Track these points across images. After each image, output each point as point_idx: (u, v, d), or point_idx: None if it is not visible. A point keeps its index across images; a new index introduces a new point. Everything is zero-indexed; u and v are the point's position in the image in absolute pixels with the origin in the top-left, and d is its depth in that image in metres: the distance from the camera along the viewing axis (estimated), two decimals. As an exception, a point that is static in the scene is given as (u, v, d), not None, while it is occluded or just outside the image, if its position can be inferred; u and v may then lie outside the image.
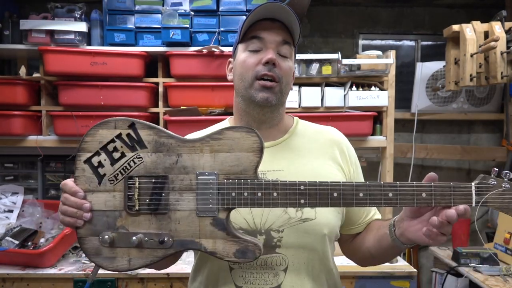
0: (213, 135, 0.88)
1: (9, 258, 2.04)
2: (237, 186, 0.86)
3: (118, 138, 0.89)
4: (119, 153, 0.89)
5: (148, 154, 0.88)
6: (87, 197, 0.89)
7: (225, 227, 0.86)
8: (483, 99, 2.86)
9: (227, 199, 0.86)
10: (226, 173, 0.86)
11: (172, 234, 0.87)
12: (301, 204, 0.85)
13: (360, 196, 0.84)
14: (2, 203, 2.32)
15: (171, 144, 0.88)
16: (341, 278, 1.15)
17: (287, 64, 1.00)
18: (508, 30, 2.30)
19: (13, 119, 2.22)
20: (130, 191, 0.88)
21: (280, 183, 0.86)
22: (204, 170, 0.87)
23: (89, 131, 0.91)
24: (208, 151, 0.87)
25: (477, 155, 2.95)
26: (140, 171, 0.88)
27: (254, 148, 0.86)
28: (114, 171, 0.89)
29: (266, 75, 0.96)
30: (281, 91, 0.99)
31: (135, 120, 0.89)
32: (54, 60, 2.20)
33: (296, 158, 1.02)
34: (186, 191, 0.87)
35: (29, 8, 2.74)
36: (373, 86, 2.35)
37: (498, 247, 2.42)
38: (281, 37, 0.99)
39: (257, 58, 0.98)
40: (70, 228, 0.92)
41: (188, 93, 2.27)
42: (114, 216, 0.88)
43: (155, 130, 0.89)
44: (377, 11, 3.01)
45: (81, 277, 1.98)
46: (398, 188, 0.84)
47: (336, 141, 1.09)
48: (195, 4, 2.35)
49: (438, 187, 0.84)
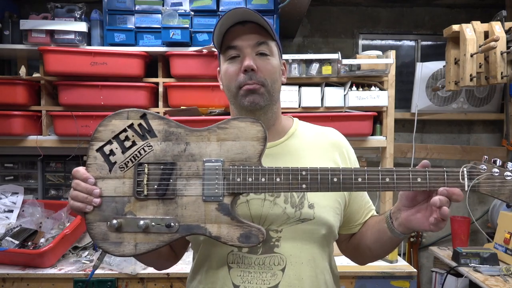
0: (220, 124, 0.91)
1: (9, 258, 2.04)
2: (242, 172, 0.88)
3: (130, 127, 0.92)
4: (130, 142, 0.92)
5: (158, 143, 0.91)
6: (98, 183, 0.91)
7: (230, 212, 0.88)
8: (483, 99, 2.86)
9: (232, 184, 0.88)
10: (232, 160, 0.89)
11: (179, 219, 0.89)
12: (303, 188, 0.88)
13: (358, 181, 0.87)
14: (2, 203, 2.32)
15: (180, 133, 0.91)
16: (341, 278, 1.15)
17: (269, 63, 0.99)
18: (508, 30, 2.30)
19: (13, 119, 2.22)
20: (139, 177, 0.91)
21: (283, 168, 0.88)
22: (210, 157, 0.90)
23: (102, 121, 0.94)
24: (215, 139, 0.90)
25: (477, 155, 2.95)
26: (150, 158, 0.91)
27: (258, 137, 0.90)
28: (125, 159, 0.92)
29: (248, 83, 0.97)
30: (268, 92, 0.99)
31: (147, 111, 0.93)
32: (54, 60, 2.20)
33: (296, 159, 1.02)
34: (193, 177, 0.90)
35: (29, 8, 2.74)
36: (373, 86, 2.35)
37: (498, 247, 2.42)
38: (255, 39, 0.98)
39: (237, 66, 0.98)
40: (79, 214, 0.94)
41: (188, 93, 2.27)
42: (122, 202, 0.91)
43: (165, 120, 0.92)
44: (377, 11, 3.01)
45: (81, 277, 1.98)
46: (394, 173, 0.87)
47: (336, 142, 1.09)
48: (195, 4, 2.35)
49: (432, 172, 0.86)
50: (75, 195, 0.91)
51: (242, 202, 0.97)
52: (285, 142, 1.05)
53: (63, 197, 2.59)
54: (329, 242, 1.03)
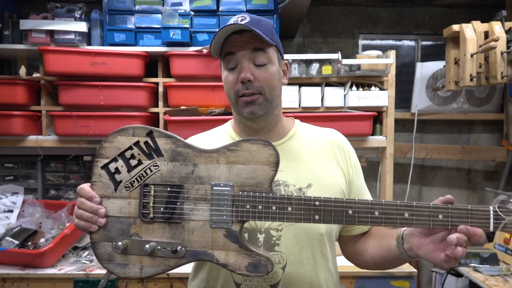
0: (230, 146, 0.88)
1: (9, 258, 2.04)
2: (252, 198, 0.85)
3: (135, 145, 0.90)
4: (136, 160, 0.90)
5: (165, 163, 0.89)
6: (103, 202, 0.90)
7: (238, 239, 0.86)
8: (483, 99, 2.86)
9: (241, 211, 0.85)
10: (241, 185, 0.86)
11: (185, 243, 0.87)
12: (315, 220, 0.84)
13: (375, 215, 0.83)
14: (2, 203, 2.32)
15: (188, 154, 0.89)
16: (341, 278, 1.15)
17: (267, 72, 0.99)
18: (508, 30, 2.30)
19: (13, 119, 2.22)
20: (145, 199, 0.89)
21: (295, 197, 0.85)
22: (219, 181, 0.87)
23: (107, 137, 0.92)
24: (224, 162, 0.87)
25: (477, 155, 2.95)
26: (156, 179, 0.89)
27: (270, 161, 0.86)
28: (130, 178, 0.90)
29: (245, 93, 0.98)
30: (267, 100, 1.00)
31: (153, 128, 0.90)
32: (54, 60, 2.20)
33: (297, 159, 1.03)
34: (201, 201, 0.87)
35: (29, 8, 2.74)
36: (373, 86, 2.35)
37: (498, 247, 2.42)
38: (251, 47, 0.98)
39: (235, 76, 0.99)
40: (84, 232, 0.93)
41: (188, 93, 2.27)
42: (128, 223, 0.89)
43: (173, 139, 0.90)
44: (377, 11, 3.01)
45: (81, 277, 1.98)
46: (414, 208, 0.82)
47: (337, 143, 1.09)
48: (195, 4, 2.35)
49: (455, 209, 0.81)
50: (80, 214, 0.90)
51: None
52: (286, 143, 1.06)
53: (63, 197, 2.59)
54: (329, 241, 1.03)
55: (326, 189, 1.01)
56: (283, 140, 1.06)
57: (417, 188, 3.08)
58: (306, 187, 1.00)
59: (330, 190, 1.01)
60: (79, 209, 0.90)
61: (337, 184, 1.03)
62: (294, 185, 1.00)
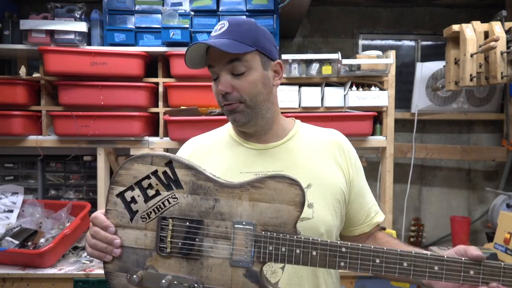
0: (254, 182, 0.84)
1: (9, 258, 2.04)
2: (275, 240, 0.82)
3: (153, 174, 0.87)
4: (154, 191, 0.87)
5: (184, 195, 0.86)
6: (118, 232, 0.87)
7: (259, 279, 0.83)
8: (483, 99, 2.86)
9: (264, 253, 0.82)
10: (264, 224, 0.83)
11: (203, 280, 0.84)
12: (341, 266, 0.81)
13: (404, 266, 0.79)
14: (2, 203, 2.32)
15: (209, 188, 0.85)
16: (341, 278, 1.15)
17: (245, 81, 0.98)
18: (508, 30, 2.30)
19: (13, 119, 2.22)
20: (163, 232, 0.86)
21: (321, 242, 0.81)
22: (241, 219, 0.83)
23: (124, 163, 0.88)
24: (247, 199, 0.84)
25: (477, 155, 2.95)
26: (175, 212, 0.86)
27: (296, 202, 0.82)
28: (147, 209, 0.87)
29: (226, 104, 1.00)
30: (249, 106, 0.99)
31: (172, 157, 0.87)
32: (54, 60, 2.20)
33: (296, 159, 1.04)
34: (221, 238, 0.84)
35: (29, 8, 2.74)
36: (373, 86, 2.35)
37: (498, 247, 2.42)
38: (226, 58, 0.97)
39: (216, 88, 1.01)
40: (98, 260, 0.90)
41: (188, 93, 2.27)
42: (144, 254, 0.86)
43: (193, 171, 0.86)
44: (377, 11, 3.01)
45: (81, 277, 1.98)
46: (445, 262, 0.79)
47: (337, 143, 1.09)
48: (195, 4, 2.35)
49: (488, 267, 0.78)
50: (94, 244, 0.87)
51: None
52: (285, 144, 1.06)
53: (63, 197, 2.59)
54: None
55: (326, 189, 1.01)
56: (283, 140, 1.06)
57: (417, 188, 3.08)
58: (305, 187, 1.00)
59: (330, 190, 1.02)
60: (93, 238, 0.87)
61: (337, 184, 1.03)
62: None
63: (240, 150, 1.06)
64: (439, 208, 3.07)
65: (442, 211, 3.07)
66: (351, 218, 1.09)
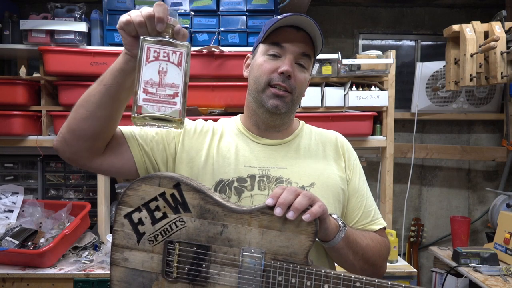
0: (264, 209, 0.81)
1: (9, 258, 2.04)
2: (285, 270, 0.79)
3: (161, 196, 0.85)
4: (161, 213, 0.85)
5: (192, 219, 0.84)
6: (124, 253, 0.86)
7: None
8: (483, 99, 2.86)
9: (273, 283, 0.79)
10: (274, 253, 0.80)
11: None
12: None
13: None
14: (2, 203, 2.32)
15: (217, 213, 0.83)
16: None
17: (303, 76, 1.01)
18: (508, 30, 2.30)
19: (13, 119, 2.22)
20: (169, 257, 0.84)
21: (333, 275, 0.77)
22: (250, 247, 0.81)
23: (131, 184, 0.87)
24: (256, 226, 0.81)
25: (477, 155, 2.95)
26: (182, 236, 0.84)
27: (308, 231, 0.79)
28: (154, 231, 0.85)
29: (279, 85, 0.98)
30: (293, 101, 1.01)
31: (181, 180, 0.85)
32: (54, 60, 2.19)
33: (301, 158, 1.05)
34: (229, 266, 0.81)
35: (29, 8, 2.74)
36: (373, 86, 2.35)
37: (498, 247, 2.42)
38: (302, 49, 0.99)
39: (274, 65, 0.99)
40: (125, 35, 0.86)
41: (188, 93, 2.25)
42: (150, 278, 0.85)
43: (202, 195, 0.84)
44: (377, 11, 3.01)
45: (81, 277, 1.98)
46: None
47: (337, 144, 1.12)
48: (195, 4, 2.35)
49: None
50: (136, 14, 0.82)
51: (246, 196, 0.97)
52: (292, 141, 1.08)
53: (63, 197, 2.59)
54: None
55: (328, 189, 1.02)
56: (289, 138, 1.08)
57: (417, 188, 3.08)
58: (309, 185, 1.00)
59: (332, 190, 1.02)
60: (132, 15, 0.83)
61: (337, 185, 1.04)
62: (297, 183, 1.00)
63: (247, 144, 1.06)
64: (439, 208, 3.08)
65: (442, 211, 3.07)
66: (345, 218, 1.08)
